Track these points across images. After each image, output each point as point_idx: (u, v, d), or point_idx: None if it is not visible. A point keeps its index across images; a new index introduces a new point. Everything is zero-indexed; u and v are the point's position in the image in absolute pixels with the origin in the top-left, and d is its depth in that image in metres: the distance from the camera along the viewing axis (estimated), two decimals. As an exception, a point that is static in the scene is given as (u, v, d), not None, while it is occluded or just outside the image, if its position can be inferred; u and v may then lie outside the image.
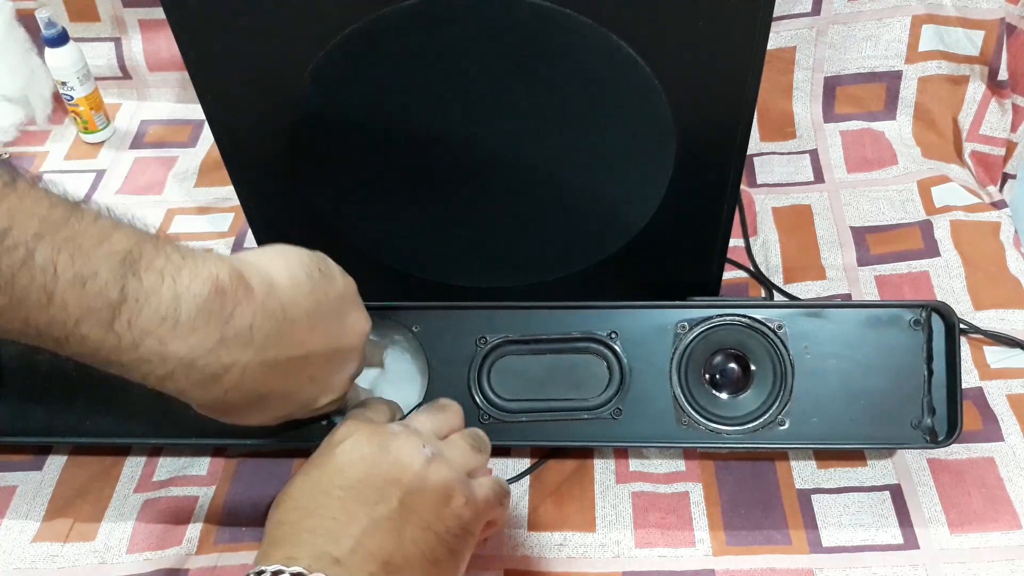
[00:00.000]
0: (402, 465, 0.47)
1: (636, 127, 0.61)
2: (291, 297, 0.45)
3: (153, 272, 0.39)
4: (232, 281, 0.41)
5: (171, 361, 0.40)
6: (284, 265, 0.46)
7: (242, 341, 0.42)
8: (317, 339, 0.47)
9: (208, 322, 0.40)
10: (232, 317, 0.41)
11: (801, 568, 0.63)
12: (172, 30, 0.57)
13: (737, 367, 0.64)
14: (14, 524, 0.68)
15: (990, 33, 0.89)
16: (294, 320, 0.45)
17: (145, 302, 0.38)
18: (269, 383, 0.45)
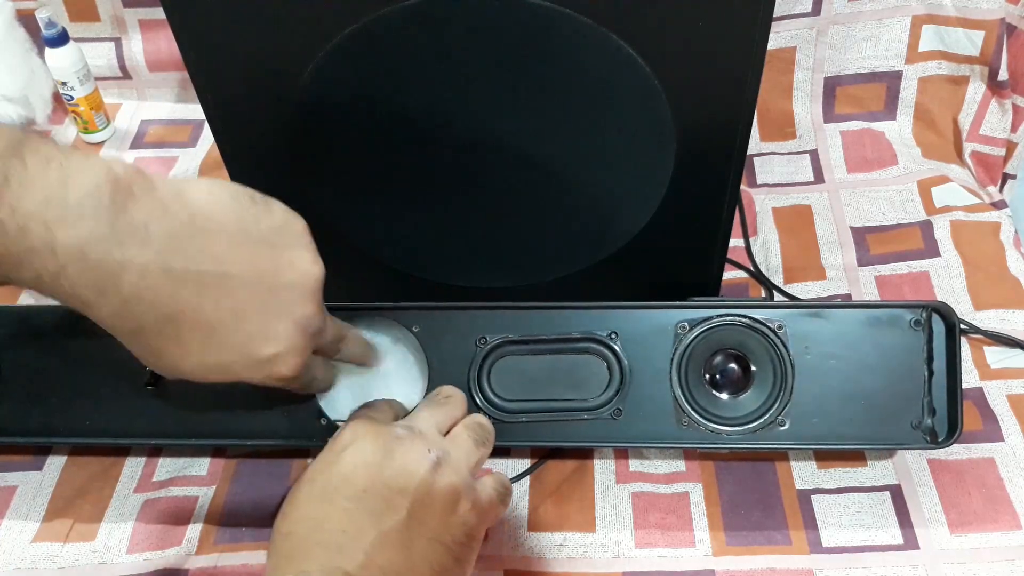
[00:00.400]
0: (408, 472, 0.46)
1: (636, 127, 0.61)
2: (204, 209, 0.42)
3: (38, 156, 0.37)
4: (128, 174, 0.39)
5: (60, 252, 0.37)
6: (207, 184, 0.43)
7: (137, 237, 0.39)
8: (239, 261, 0.43)
9: (98, 209, 0.37)
10: (125, 209, 0.38)
11: (801, 568, 0.63)
12: (172, 30, 0.57)
13: (737, 367, 0.64)
14: (14, 524, 0.68)
15: (990, 33, 0.89)
16: (206, 231, 0.42)
17: (29, 184, 0.36)
18: (177, 300, 0.41)
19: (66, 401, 0.67)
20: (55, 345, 0.68)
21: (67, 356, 0.67)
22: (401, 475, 0.46)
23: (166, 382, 0.66)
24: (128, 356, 0.68)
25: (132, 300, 0.40)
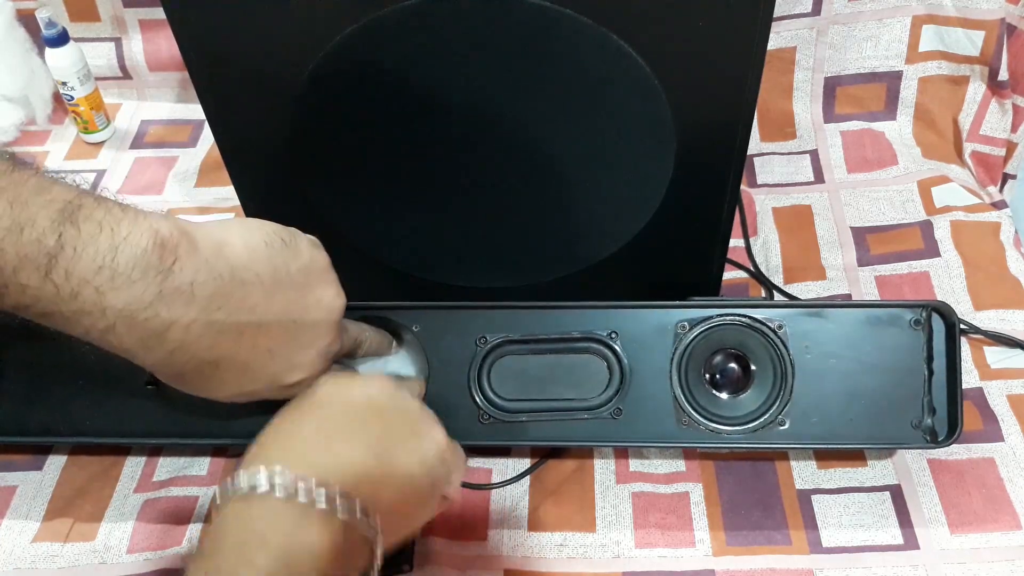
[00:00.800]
0: (377, 397, 0.48)
1: (636, 127, 0.61)
2: (243, 261, 0.44)
3: (92, 222, 0.38)
4: (174, 236, 0.41)
5: (110, 313, 0.39)
6: (241, 231, 0.45)
7: (183, 298, 0.41)
8: (273, 308, 0.46)
9: (146, 274, 0.40)
10: (172, 272, 0.40)
11: (801, 568, 0.63)
12: (172, 30, 0.57)
13: (737, 367, 0.64)
14: (14, 524, 0.68)
15: (990, 33, 0.89)
16: (245, 283, 0.44)
17: (83, 251, 0.38)
18: (218, 348, 0.44)
19: (66, 401, 0.67)
20: (55, 345, 0.68)
21: (67, 356, 0.67)
22: (372, 398, 0.48)
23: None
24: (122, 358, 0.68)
25: (176, 351, 0.43)
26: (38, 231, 0.37)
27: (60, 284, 0.38)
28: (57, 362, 0.67)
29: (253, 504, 0.40)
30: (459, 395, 0.64)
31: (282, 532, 0.39)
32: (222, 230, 0.45)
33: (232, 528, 0.39)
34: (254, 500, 0.40)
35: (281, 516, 0.39)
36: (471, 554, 0.65)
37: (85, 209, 0.39)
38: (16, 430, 0.67)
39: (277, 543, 0.39)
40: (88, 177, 0.99)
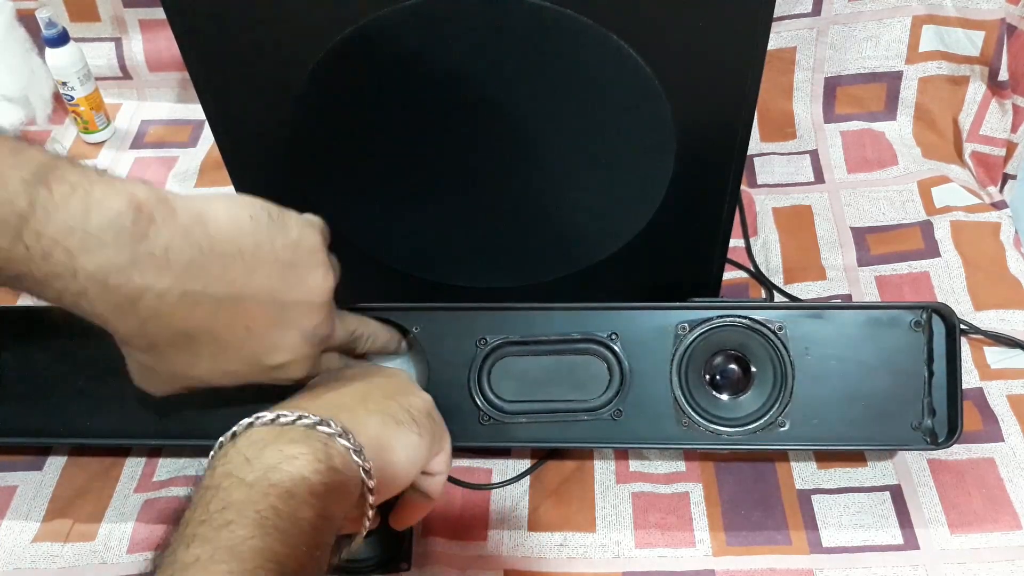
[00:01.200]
0: (356, 366, 0.54)
1: (636, 127, 0.60)
2: (224, 234, 0.43)
3: (65, 184, 0.38)
4: (151, 201, 0.40)
5: (82, 276, 0.39)
6: (226, 204, 0.44)
7: (157, 263, 0.40)
8: (253, 284, 0.45)
9: (119, 236, 0.39)
10: (146, 236, 0.40)
11: (801, 568, 0.63)
12: (172, 30, 0.57)
13: (737, 368, 0.64)
14: (14, 524, 0.68)
15: (990, 33, 0.89)
16: (224, 256, 0.43)
17: (54, 212, 0.37)
18: (192, 319, 0.43)
19: (66, 401, 0.67)
20: (55, 345, 0.68)
21: (67, 356, 0.67)
22: (357, 366, 0.54)
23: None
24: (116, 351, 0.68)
25: (149, 320, 0.42)
26: (9, 192, 0.36)
27: (31, 245, 0.37)
28: (57, 362, 0.67)
29: (240, 439, 0.41)
30: (459, 396, 0.64)
31: (268, 450, 0.40)
32: (205, 201, 0.44)
33: (221, 469, 0.40)
34: (240, 436, 0.41)
35: (265, 437, 0.41)
36: (471, 554, 0.65)
37: (59, 171, 0.38)
38: (16, 430, 0.67)
39: (262, 460, 0.39)
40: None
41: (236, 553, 0.36)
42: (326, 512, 0.40)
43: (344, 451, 0.42)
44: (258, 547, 0.37)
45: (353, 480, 0.43)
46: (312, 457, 0.40)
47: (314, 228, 0.49)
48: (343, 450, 0.42)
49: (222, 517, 0.37)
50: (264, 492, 0.38)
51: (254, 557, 0.36)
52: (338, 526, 0.42)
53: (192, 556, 0.36)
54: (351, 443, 0.43)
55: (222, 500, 0.38)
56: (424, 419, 0.49)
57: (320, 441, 0.42)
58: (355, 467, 0.43)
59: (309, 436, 0.42)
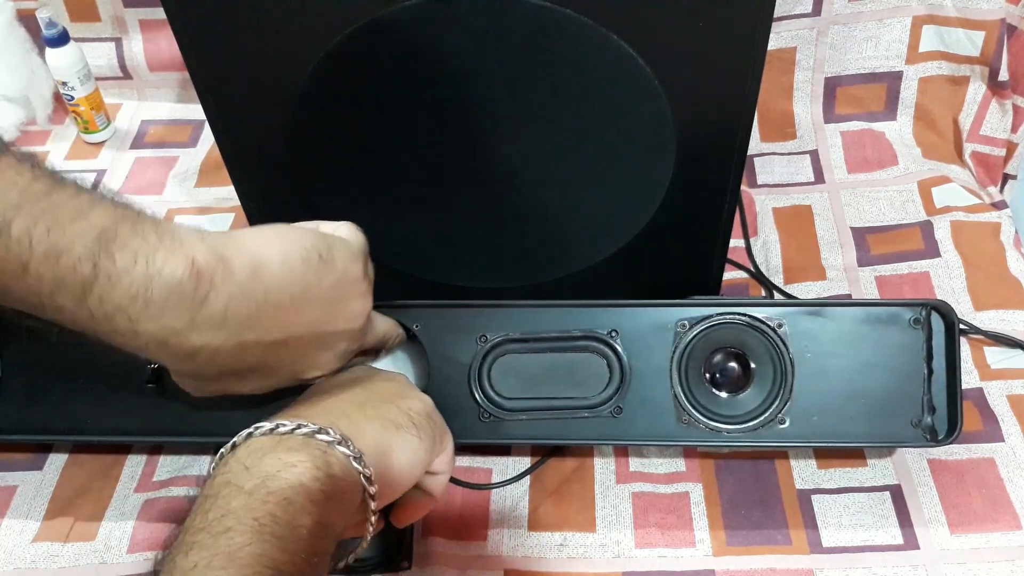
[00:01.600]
0: (354, 371, 0.53)
1: (636, 127, 0.61)
2: (277, 281, 0.45)
3: (127, 252, 0.39)
4: (209, 264, 0.41)
5: (143, 337, 0.40)
6: (280, 248, 0.45)
7: (214, 323, 0.42)
8: (301, 323, 0.47)
9: (179, 304, 0.40)
10: (206, 301, 0.41)
11: (801, 568, 0.63)
12: (172, 30, 0.57)
13: (737, 366, 0.64)
14: (14, 524, 0.68)
15: (990, 34, 0.89)
16: (277, 305, 0.45)
17: (117, 281, 0.38)
18: (244, 362, 0.46)
19: (66, 400, 0.67)
20: (55, 345, 0.68)
21: (67, 356, 0.67)
22: (355, 371, 0.53)
23: (167, 381, 0.66)
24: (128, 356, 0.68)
25: (203, 365, 0.44)
26: (74, 259, 0.38)
27: (95, 309, 0.39)
28: (57, 361, 0.67)
29: (239, 450, 0.42)
30: (459, 394, 0.64)
31: (267, 458, 0.41)
32: (260, 245, 0.45)
33: (220, 478, 0.40)
34: (239, 447, 0.42)
35: (264, 447, 0.41)
36: (471, 554, 0.65)
37: (121, 238, 0.39)
38: (16, 429, 0.67)
39: (260, 469, 0.40)
40: (88, 177, 1.00)
41: (234, 559, 0.36)
42: (325, 519, 0.40)
43: (344, 458, 0.43)
44: (256, 553, 0.37)
45: (353, 487, 0.43)
46: (311, 465, 0.41)
47: (357, 258, 0.50)
48: (342, 457, 0.43)
49: (221, 524, 0.38)
50: (263, 500, 0.39)
51: (252, 563, 0.36)
52: (338, 533, 0.42)
53: (190, 563, 0.36)
54: (350, 450, 0.43)
55: (221, 508, 0.38)
56: (424, 421, 0.49)
57: (319, 449, 0.42)
58: (355, 474, 0.43)
59: (308, 444, 0.42)
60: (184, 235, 0.41)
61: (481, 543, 0.66)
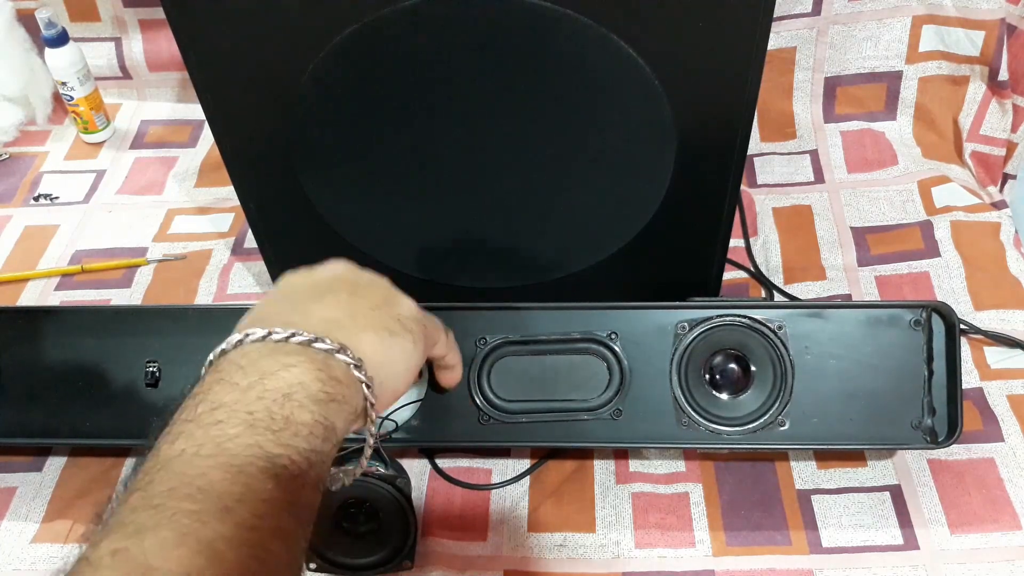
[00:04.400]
0: (342, 273, 0.51)
1: (636, 127, 0.60)
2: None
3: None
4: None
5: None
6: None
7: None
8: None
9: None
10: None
11: (801, 568, 0.63)
12: (172, 30, 0.57)
13: (737, 367, 0.64)
14: (14, 525, 0.68)
15: (990, 33, 0.89)
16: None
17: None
18: None
19: (66, 402, 0.67)
20: (55, 345, 0.68)
21: (67, 356, 0.67)
22: (335, 272, 0.50)
23: (166, 382, 0.66)
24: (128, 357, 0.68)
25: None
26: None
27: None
28: (57, 363, 0.67)
29: (230, 354, 0.41)
30: (459, 396, 0.64)
31: (264, 359, 0.40)
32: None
33: (210, 378, 0.39)
34: (230, 352, 0.41)
35: (260, 350, 0.40)
36: (471, 554, 0.65)
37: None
38: (16, 431, 0.67)
39: (257, 367, 0.39)
40: (88, 177, 1.00)
41: (224, 448, 0.35)
42: (326, 420, 0.39)
43: (344, 366, 0.42)
44: (247, 443, 0.36)
45: (354, 392, 0.42)
46: (311, 366, 0.40)
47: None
48: (343, 365, 0.42)
49: (211, 416, 0.36)
50: (259, 395, 0.38)
51: (243, 452, 0.35)
52: (339, 438, 0.41)
53: (176, 450, 0.35)
54: (350, 357, 0.42)
55: (212, 402, 0.37)
56: (414, 324, 0.49)
57: (318, 354, 0.41)
58: (356, 381, 0.42)
59: (306, 350, 0.41)
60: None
61: (481, 543, 0.66)
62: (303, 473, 0.37)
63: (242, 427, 0.36)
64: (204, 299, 0.85)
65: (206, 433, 0.36)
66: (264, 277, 0.84)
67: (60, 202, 0.98)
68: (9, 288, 0.88)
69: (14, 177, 1.01)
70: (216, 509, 0.33)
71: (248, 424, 0.36)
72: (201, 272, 0.88)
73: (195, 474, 0.34)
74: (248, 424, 0.36)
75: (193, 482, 0.34)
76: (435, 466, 0.70)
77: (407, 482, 0.64)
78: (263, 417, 0.37)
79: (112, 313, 0.70)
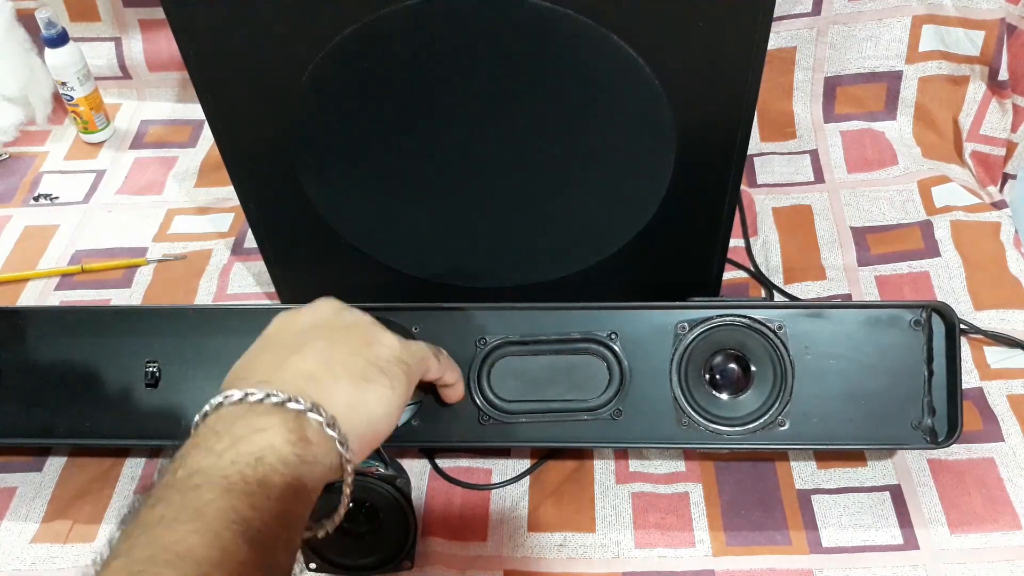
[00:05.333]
0: (323, 318, 0.51)
1: (636, 127, 0.60)
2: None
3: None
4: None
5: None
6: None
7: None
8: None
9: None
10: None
11: (801, 568, 0.63)
12: (172, 30, 0.57)
13: (737, 367, 0.64)
14: (13, 525, 0.68)
15: (990, 33, 0.89)
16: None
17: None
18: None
19: (66, 402, 0.67)
20: (55, 345, 0.68)
21: (67, 356, 0.67)
22: (314, 315, 0.51)
23: (166, 383, 0.66)
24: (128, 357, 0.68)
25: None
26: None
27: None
28: (57, 362, 0.67)
29: (210, 417, 0.42)
30: (459, 396, 0.64)
31: (238, 423, 0.41)
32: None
33: (189, 443, 0.41)
34: (210, 415, 0.42)
35: (235, 413, 0.42)
36: (471, 554, 0.65)
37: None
38: (16, 431, 0.67)
39: (232, 432, 0.40)
40: (88, 177, 1.00)
41: (201, 513, 0.37)
42: (297, 481, 0.40)
43: (317, 425, 0.43)
44: (223, 508, 0.37)
45: (327, 451, 0.43)
46: (283, 428, 0.41)
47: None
48: (315, 424, 0.43)
49: (189, 482, 0.38)
50: (232, 459, 0.39)
51: (219, 517, 0.37)
52: (313, 497, 0.42)
53: (156, 515, 0.37)
54: (322, 416, 0.43)
55: (189, 467, 0.39)
56: (394, 367, 0.49)
57: (291, 414, 0.42)
58: (329, 439, 0.43)
59: (279, 410, 0.42)
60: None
61: (481, 543, 0.66)
62: (276, 535, 0.39)
63: (218, 491, 0.38)
64: (204, 299, 0.85)
65: (184, 498, 0.38)
66: (264, 277, 0.84)
67: (60, 202, 0.98)
68: (9, 288, 0.88)
69: (14, 177, 1.01)
70: (196, 574, 0.35)
71: (224, 488, 0.38)
72: (201, 272, 0.88)
73: (174, 540, 0.36)
74: (224, 488, 0.38)
75: (172, 548, 0.35)
76: (435, 466, 0.70)
77: (407, 482, 0.64)
78: (237, 481, 0.38)
79: (112, 313, 0.70)
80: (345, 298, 0.61)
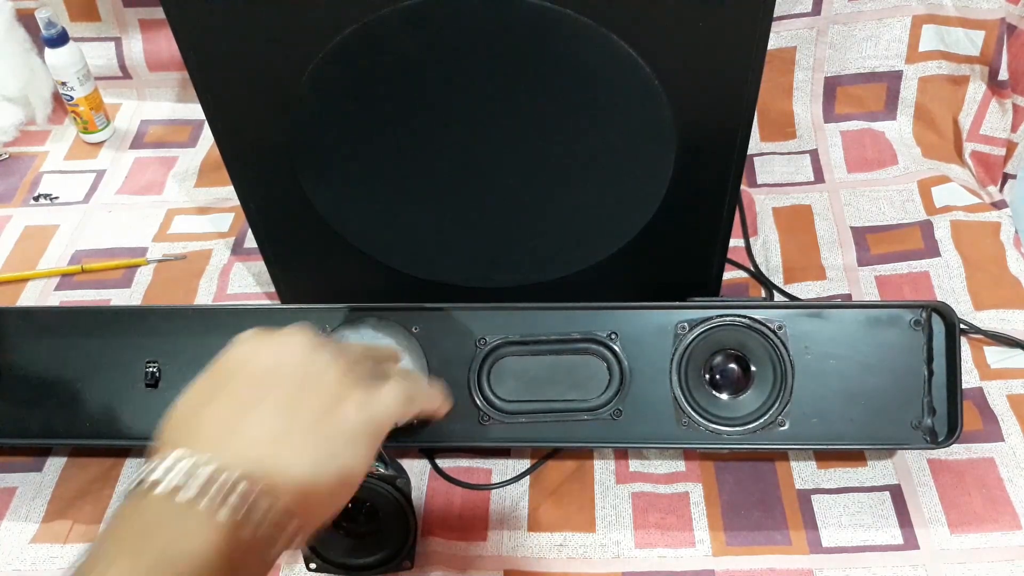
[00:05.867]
0: (286, 362, 0.44)
1: (636, 127, 0.60)
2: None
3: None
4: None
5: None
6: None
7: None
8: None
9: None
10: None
11: (801, 568, 0.63)
12: (172, 30, 0.57)
13: (737, 367, 0.64)
14: (13, 525, 0.68)
15: (990, 33, 0.89)
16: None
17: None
18: None
19: (66, 402, 0.67)
20: (55, 345, 0.68)
21: (67, 356, 0.67)
22: (276, 356, 0.44)
23: (166, 383, 0.66)
24: (128, 357, 0.68)
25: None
26: None
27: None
28: (57, 363, 0.67)
29: (137, 504, 0.38)
30: (459, 396, 0.64)
31: (163, 524, 0.37)
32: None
33: (107, 530, 0.38)
34: (139, 500, 0.38)
35: (164, 507, 0.37)
36: (471, 554, 0.65)
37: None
38: (16, 431, 0.67)
39: (154, 544, 0.37)
40: (88, 177, 1.00)
41: None
42: (236, 571, 0.38)
43: (265, 511, 0.39)
44: None
45: (277, 532, 0.40)
46: (215, 536, 0.37)
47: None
48: (263, 510, 0.39)
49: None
50: (154, 563, 0.36)
51: None
52: (270, 562, 0.39)
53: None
54: (273, 503, 0.39)
55: (107, 562, 0.36)
56: (361, 436, 0.44)
57: (229, 504, 0.38)
58: (278, 524, 0.40)
59: (216, 502, 0.38)
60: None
61: (481, 543, 0.66)
62: None
63: None
64: (204, 299, 0.85)
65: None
66: (264, 277, 0.84)
67: (60, 202, 0.98)
68: (9, 288, 0.88)
69: (14, 177, 1.01)
70: None
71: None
72: (201, 272, 0.88)
73: None
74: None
75: None
76: (435, 466, 0.70)
77: (407, 482, 0.64)
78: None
79: (112, 313, 0.70)
80: (345, 298, 0.61)
